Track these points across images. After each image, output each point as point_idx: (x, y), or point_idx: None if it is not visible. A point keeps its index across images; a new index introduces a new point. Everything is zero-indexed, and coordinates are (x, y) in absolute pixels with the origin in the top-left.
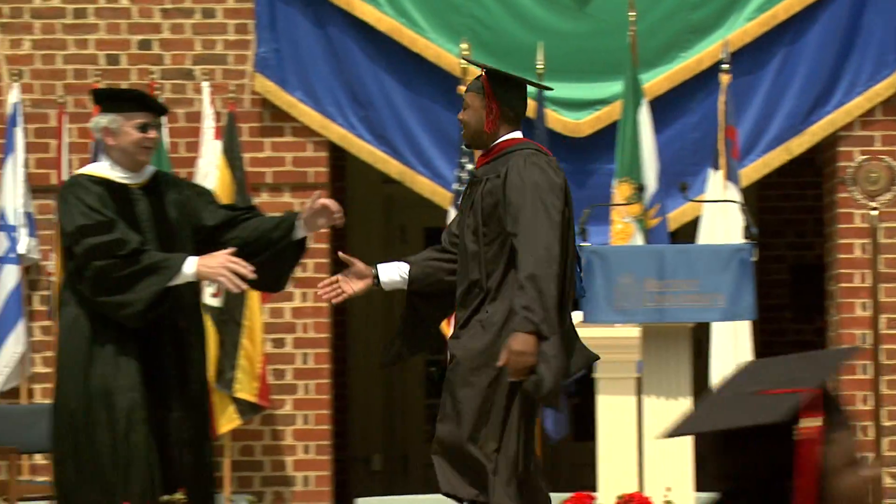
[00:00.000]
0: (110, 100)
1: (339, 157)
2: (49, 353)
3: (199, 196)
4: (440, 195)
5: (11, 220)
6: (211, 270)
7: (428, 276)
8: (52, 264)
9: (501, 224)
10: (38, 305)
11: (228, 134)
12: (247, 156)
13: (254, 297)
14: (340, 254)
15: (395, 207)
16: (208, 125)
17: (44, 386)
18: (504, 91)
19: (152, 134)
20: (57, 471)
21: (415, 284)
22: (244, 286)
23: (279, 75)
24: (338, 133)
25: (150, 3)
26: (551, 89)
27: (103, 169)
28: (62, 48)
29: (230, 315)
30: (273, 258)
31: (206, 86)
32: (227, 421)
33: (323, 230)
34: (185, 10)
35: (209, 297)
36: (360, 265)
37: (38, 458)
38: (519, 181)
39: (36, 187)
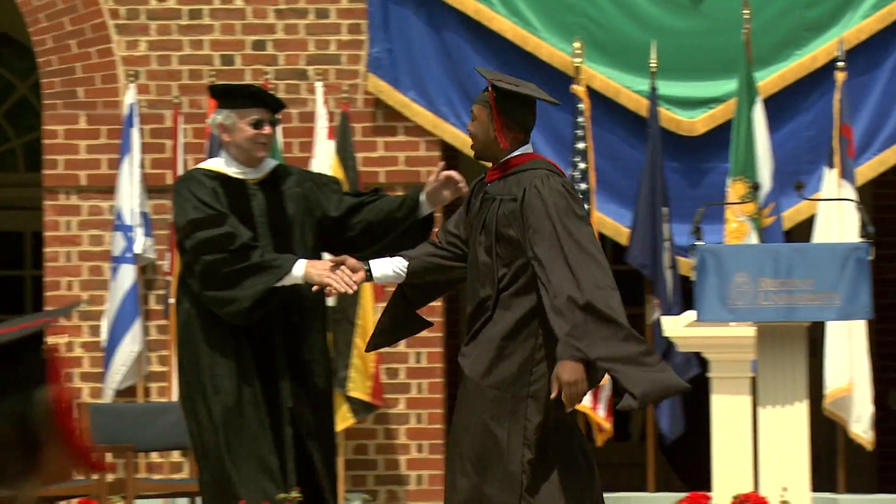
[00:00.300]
0: (226, 96)
1: (451, 157)
2: (165, 352)
3: (323, 186)
4: None
5: (128, 220)
6: (319, 273)
7: (428, 272)
8: (168, 264)
9: (518, 247)
10: (153, 305)
11: (341, 134)
12: (360, 155)
13: (367, 296)
14: (326, 254)
15: None
16: (322, 125)
17: (160, 384)
18: (511, 104)
19: (266, 130)
20: (198, 469)
21: (413, 278)
22: (354, 287)
23: (392, 75)
24: (450, 132)
25: (264, 4)
26: (558, 104)
27: (220, 164)
28: (177, 49)
29: (343, 314)
30: (400, 238)
31: (319, 86)
32: (341, 420)
33: (435, 228)
34: (299, 11)
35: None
36: (351, 261)
37: (155, 457)
38: (540, 204)
39: (152, 187)
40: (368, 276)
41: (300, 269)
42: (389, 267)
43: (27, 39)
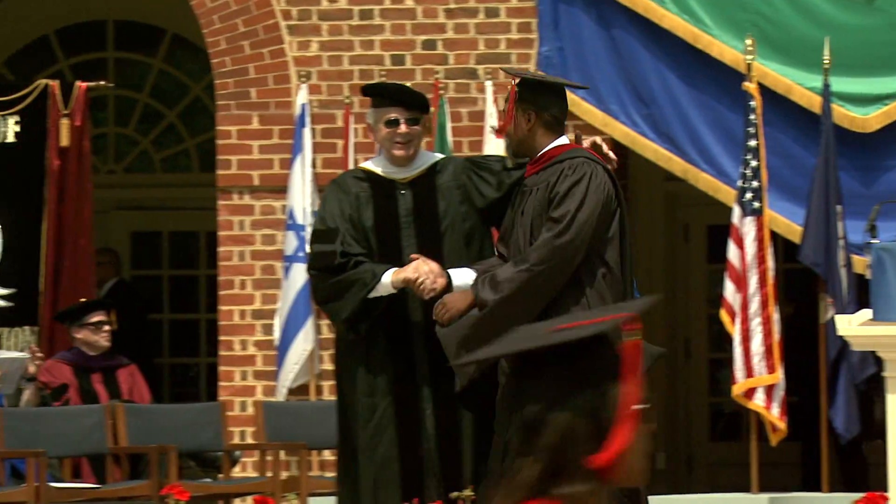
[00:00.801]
0: (372, 95)
1: (621, 155)
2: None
3: (482, 171)
4: (724, 193)
5: (300, 220)
6: (404, 275)
7: None
8: None
9: None
10: None
11: None
12: None
13: None
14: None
15: (678, 205)
16: (491, 124)
17: (331, 383)
18: (540, 97)
19: (402, 129)
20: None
21: None
22: (436, 288)
23: (562, 73)
24: (621, 131)
25: (434, 4)
26: (587, 87)
27: (375, 163)
28: (349, 49)
29: None
30: None
31: (489, 85)
32: None
33: None
34: (469, 10)
35: None
36: (435, 265)
37: (327, 455)
38: (567, 183)
39: (323, 187)
40: (449, 285)
41: (388, 277)
42: (469, 277)
43: (201, 41)
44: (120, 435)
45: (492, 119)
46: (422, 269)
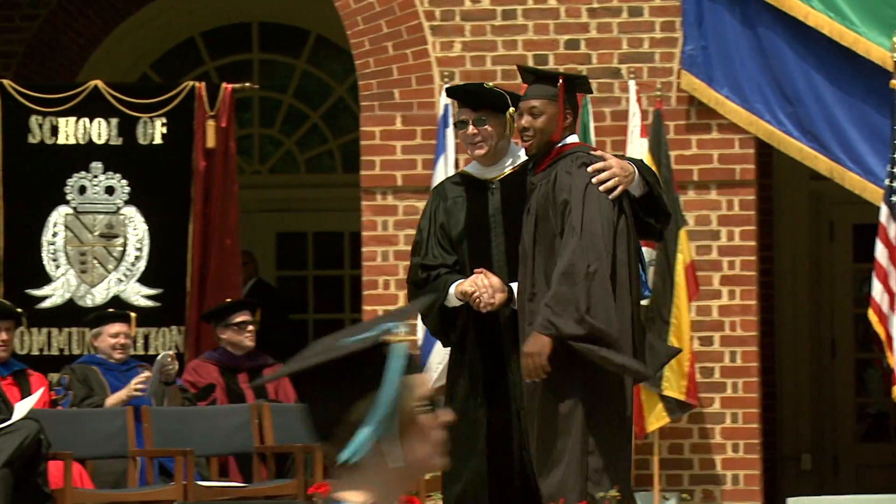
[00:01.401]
0: (450, 97)
1: (765, 154)
2: None
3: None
4: (871, 192)
5: None
6: (461, 288)
7: None
8: None
9: (552, 227)
10: None
11: (655, 132)
12: (673, 153)
13: (681, 295)
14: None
15: (823, 204)
16: (634, 123)
17: None
18: (573, 97)
19: (469, 130)
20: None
21: None
22: (493, 303)
23: (706, 72)
24: (765, 129)
25: (577, 3)
26: (591, 92)
27: (472, 166)
28: (491, 49)
29: (657, 313)
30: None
31: (632, 84)
32: (656, 419)
33: (749, 227)
34: (613, 9)
35: None
36: (495, 279)
37: None
38: (569, 181)
39: None
40: (510, 300)
41: (453, 288)
42: None
43: (344, 42)
44: (266, 434)
45: (635, 119)
46: (479, 284)
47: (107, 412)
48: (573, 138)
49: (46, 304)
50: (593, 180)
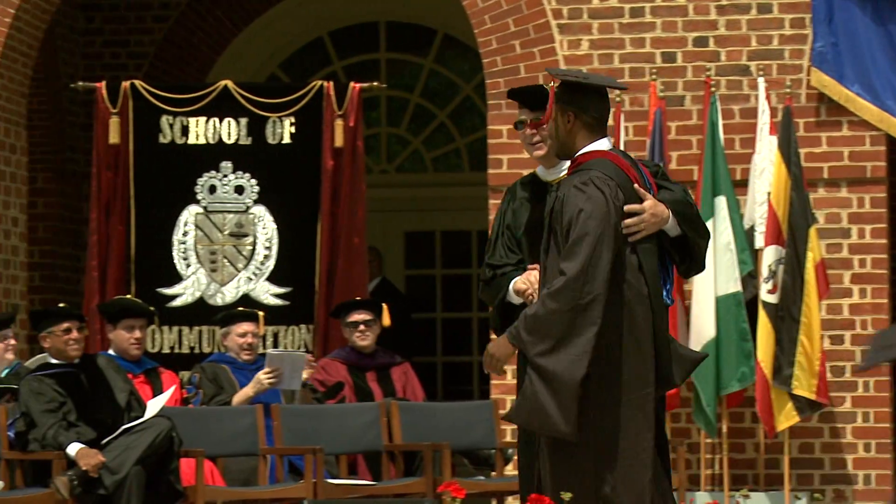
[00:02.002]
0: (510, 98)
1: None
2: None
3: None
4: None
5: None
6: (515, 286)
7: None
8: None
9: (559, 241)
10: None
11: (784, 129)
12: (803, 151)
13: (811, 293)
14: None
15: None
16: (764, 121)
17: None
18: (581, 98)
19: (526, 131)
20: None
21: None
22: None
23: (836, 69)
24: None
25: (706, 0)
26: (625, 88)
27: (540, 167)
28: (619, 47)
29: (787, 311)
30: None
31: (761, 81)
32: (786, 418)
33: (881, 224)
34: (742, 6)
35: (765, 294)
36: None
37: None
38: (568, 208)
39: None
40: None
41: (510, 287)
42: None
43: (471, 40)
44: (395, 432)
45: (764, 116)
46: (531, 280)
47: (237, 410)
48: (601, 144)
49: (177, 302)
50: (623, 227)
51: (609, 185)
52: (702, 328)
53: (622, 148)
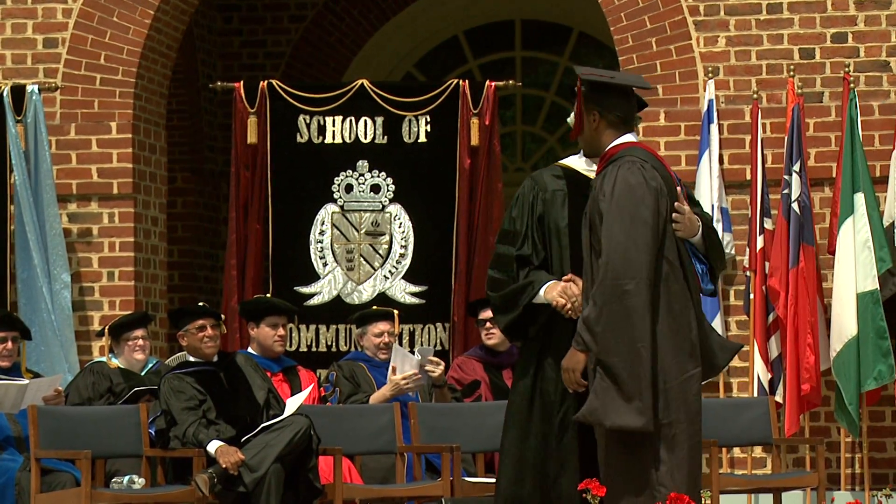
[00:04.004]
0: None
1: None
2: (745, 348)
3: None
4: None
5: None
6: (552, 294)
7: None
8: (747, 259)
9: (599, 236)
10: (733, 300)
11: None
12: None
13: None
14: None
15: None
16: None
17: (741, 380)
18: (605, 97)
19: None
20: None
21: None
22: (578, 312)
23: None
24: None
25: None
26: (651, 87)
27: (575, 161)
28: (756, 44)
29: None
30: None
31: None
32: None
33: None
34: (881, 2)
35: None
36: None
37: (737, 452)
38: (607, 193)
39: (730, 183)
40: None
41: (542, 291)
42: None
43: (607, 38)
44: None
45: None
46: (569, 293)
47: (374, 408)
48: (626, 138)
49: (314, 301)
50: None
51: (645, 167)
52: (843, 326)
53: (758, 144)
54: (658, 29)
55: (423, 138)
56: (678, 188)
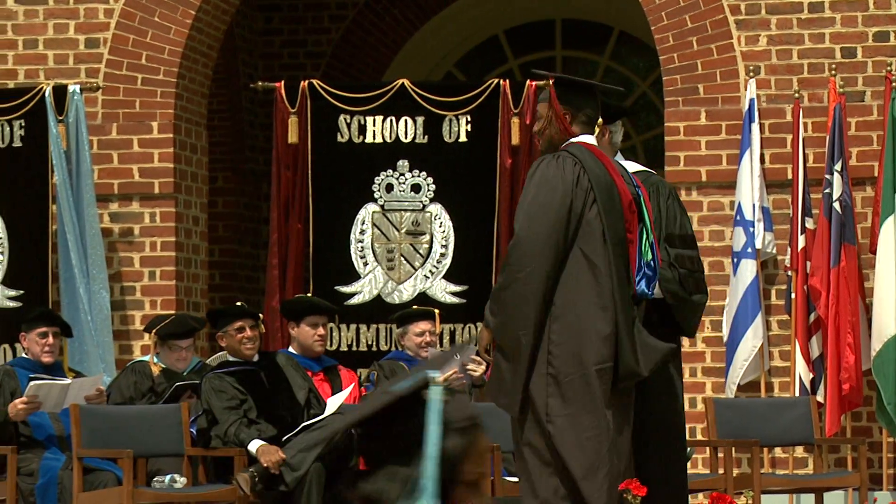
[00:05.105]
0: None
1: None
2: (787, 347)
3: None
4: None
5: (748, 216)
6: None
7: None
8: (789, 258)
9: None
10: (775, 299)
11: None
12: None
13: None
14: None
15: None
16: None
17: (782, 380)
18: (577, 97)
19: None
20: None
21: None
22: None
23: None
24: None
25: None
26: (622, 90)
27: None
28: (798, 43)
29: None
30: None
31: None
32: None
33: None
34: None
35: None
36: None
37: (779, 452)
38: (527, 183)
39: (771, 182)
40: None
41: None
42: None
43: (647, 37)
44: None
45: None
46: None
47: None
48: (584, 138)
49: (355, 300)
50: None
51: (566, 163)
52: (882, 325)
53: (800, 144)
54: (699, 28)
55: (463, 138)
56: (623, 184)
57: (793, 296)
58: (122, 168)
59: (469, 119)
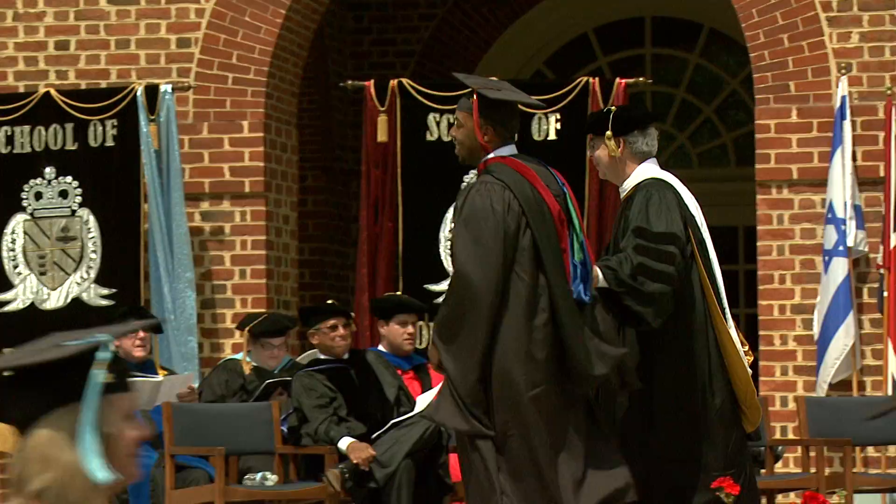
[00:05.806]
0: None
1: None
2: (879, 346)
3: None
4: None
5: (840, 213)
6: None
7: None
8: (881, 256)
9: None
10: (867, 298)
11: None
12: None
13: None
14: None
15: None
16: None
17: (874, 378)
18: (498, 111)
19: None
20: None
21: None
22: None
23: None
24: None
25: None
26: (543, 107)
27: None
28: (890, 40)
29: None
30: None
31: None
32: None
33: None
34: None
35: None
36: None
37: (871, 451)
38: (458, 213)
39: (864, 179)
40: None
41: None
42: None
43: (737, 35)
44: None
45: None
46: None
47: None
48: (504, 150)
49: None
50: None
51: (494, 190)
52: None
53: (892, 141)
54: (790, 25)
55: (552, 136)
56: (549, 192)
57: (885, 294)
58: (213, 167)
59: (559, 117)
